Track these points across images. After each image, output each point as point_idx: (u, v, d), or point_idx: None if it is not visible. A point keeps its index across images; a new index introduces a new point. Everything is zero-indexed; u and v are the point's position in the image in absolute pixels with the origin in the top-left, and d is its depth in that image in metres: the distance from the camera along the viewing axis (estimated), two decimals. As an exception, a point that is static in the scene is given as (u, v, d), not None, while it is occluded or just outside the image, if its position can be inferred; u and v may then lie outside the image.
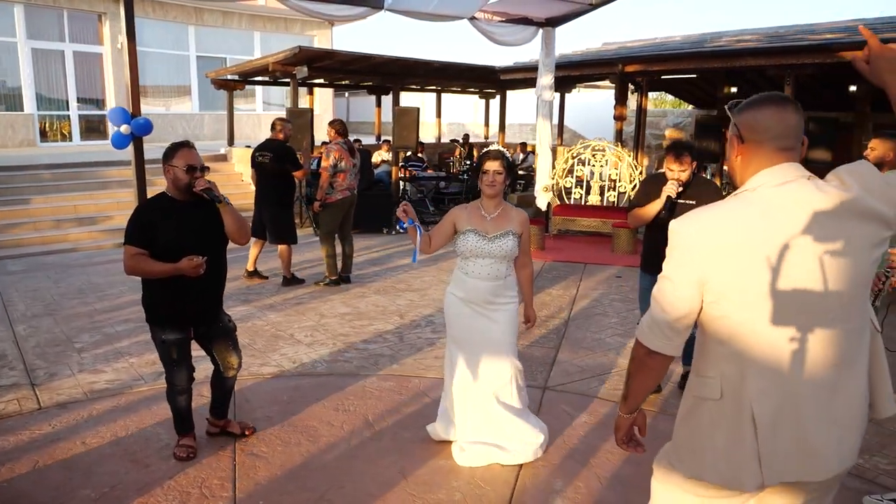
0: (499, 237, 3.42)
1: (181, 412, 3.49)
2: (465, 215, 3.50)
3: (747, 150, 1.71)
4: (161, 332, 3.34)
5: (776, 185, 1.63)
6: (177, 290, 3.24)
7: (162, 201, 3.33)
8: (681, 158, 3.97)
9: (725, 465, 1.68)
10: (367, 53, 10.62)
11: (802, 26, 11.37)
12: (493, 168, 3.45)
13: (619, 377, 4.71)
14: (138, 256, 3.19)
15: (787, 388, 1.62)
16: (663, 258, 4.61)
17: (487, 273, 3.44)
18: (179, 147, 3.30)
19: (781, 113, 1.66)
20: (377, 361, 4.94)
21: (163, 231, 3.21)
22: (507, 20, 9.22)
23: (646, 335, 1.75)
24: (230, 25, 19.03)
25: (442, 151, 16.26)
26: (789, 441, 1.63)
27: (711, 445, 1.71)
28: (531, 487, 3.28)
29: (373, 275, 7.73)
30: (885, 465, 3.53)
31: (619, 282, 7.59)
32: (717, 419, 1.70)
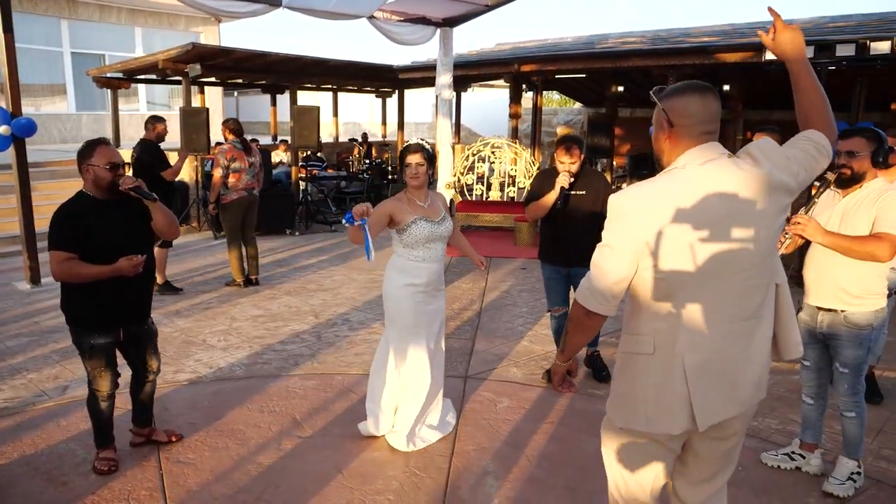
0: (442, 220, 3.63)
1: (103, 422, 3.33)
2: (404, 207, 3.56)
3: (675, 133, 1.89)
4: (89, 336, 3.18)
5: (702, 163, 1.84)
6: (108, 291, 3.11)
7: (84, 201, 3.16)
8: (570, 151, 4.18)
9: (655, 411, 1.90)
10: (263, 51, 10.38)
11: (680, 29, 12.21)
12: (414, 161, 3.59)
13: (535, 363, 4.92)
14: (69, 261, 3.03)
15: (713, 339, 1.85)
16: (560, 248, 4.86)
17: (439, 255, 3.65)
18: (96, 144, 3.16)
19: (705, 100, 1.87)
20: (297, 361, 4.90)
21: (91, 232, 3.06)
22: (405, 20, 9.32)
23: (586, 298, 1.90)
24: (108, 20, 17.94)
25: (340, 151, 16.13)
26: (717, 385, 1.87)
27: (643, 396, 1.91)
28: (464, 471, 3.40)
29: (281, 276, 7.60)
30: (776, 426, 3.93)
31: (525, 273, 7.88)
32: (649, 372, 1.90)
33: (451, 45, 9.72)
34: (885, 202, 2.96)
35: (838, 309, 3.11)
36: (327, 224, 11.11)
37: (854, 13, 11.08)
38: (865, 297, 3.06)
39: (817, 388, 3.38)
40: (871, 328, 3.09)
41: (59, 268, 3.04)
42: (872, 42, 6.54)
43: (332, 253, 9.03)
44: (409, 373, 3.61)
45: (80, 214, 3.10)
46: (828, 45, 6.87)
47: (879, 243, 2.90)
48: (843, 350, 3.15)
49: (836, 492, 3.18)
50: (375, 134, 19.34)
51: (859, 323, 3.07)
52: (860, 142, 3.03)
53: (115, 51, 17.82)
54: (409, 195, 3.63)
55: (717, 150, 1.87)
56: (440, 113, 10.27)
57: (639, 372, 1.93)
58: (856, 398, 3.17)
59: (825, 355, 3.31)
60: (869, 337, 3.10)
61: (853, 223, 3.02)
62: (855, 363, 3.13)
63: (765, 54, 7.42)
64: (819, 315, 3.19)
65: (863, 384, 3.19)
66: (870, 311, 3.07)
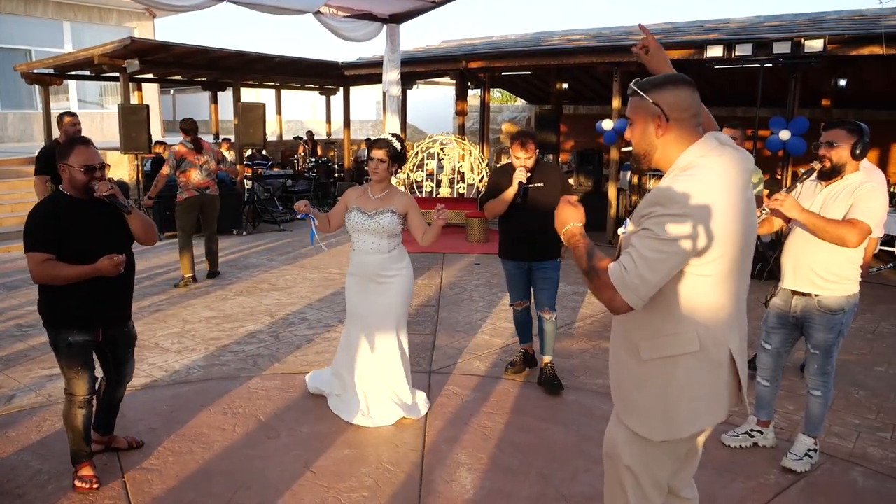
0: (378, 214, 3.75)
1: (79, 434, 3.12)
2: (355, 196, 3.87)
3: (673, 128, 1.84)
4: (67, 333, 3.03)
5: (719, 154, 1.81)
6: (88, 291, 2.98)
7: (61, 201, 3.02)
8: (526, 146, 4.15)
9: (707, 406, 1.87)
10: (205, 47, 10.10)
11: (623, 27, 12.49)
12: (377, 156, 3.79)
13: (496, 355, 4.96)
14: (48, 262, 2.90)
15: (740, 324, 1.91)
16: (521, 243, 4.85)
17: (370, 247, 3.80)
18: (75, 144, 3.02)
19: (694, 93, 1.86)
20: (257, 362, 4.80)
21: (69, 233, 2.93)
22: (351, 15, 9.23)
23: (628, 290, 1.74)
24: (34, 14, 17.09)
25: (285, 149, 15.88)
26: (742, 365, 1.92)
27: (690, 395, 1.84)
28: (437, 464, 3.40)
29: (232, 276, 7.43)
30: (734, 408, 4.06)
31: (479, 269, 7.93)
32: (697, 369, 1.83)
33: (398, 41, 9.67)
34: (861, 192, 3.09)
35: (812, 293, 3.24)
36: (275, 223, 10.91)
37: (785, 13, 11.57)
38: (838, 283, 3.19)
39: (773, 371, 3.53)
40: (843, 312, 3.22)
41: (38, 269, 2.91)
42: (806, 40, 6.85)
43: (282, 252, 8.88)
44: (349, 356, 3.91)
45: (57, 215, 2.96)
46: (765, 44, 7.16)
47: (850, 228, 3.04)
48: (815, 333, 3.28)
49: (795, 467, 3.32)
50: (320, 132, 19.08)
51: (832, 307, 3.22)
52: (840, 133, 3.14)
53: (43, 46, 17.02)
54: (368, 185, 3.92)
55: (718, 140, 1.86)
56: (388, 110, 10.22)
57: (680, 373, 1.84)
58: (824, 378, 3.31)
59: (788, 342, 3.46)
60: (840, 321, 3.23)
61: (830, 212, 3.15)
62: (825, 346, 3.27)
63: (706, 52, 7.66)
64: (794, 299, 3.33)
65: (832, 366, 3.32)
66: (842, 295, 3.20)
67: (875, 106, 11.91)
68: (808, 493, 3.17)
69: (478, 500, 3.09)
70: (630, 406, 1.94)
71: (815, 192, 3.29)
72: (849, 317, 3.28)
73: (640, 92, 1.87)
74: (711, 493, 3.14)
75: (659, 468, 1.96)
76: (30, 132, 16.86)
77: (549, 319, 4.34)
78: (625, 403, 1.96)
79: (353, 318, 3.90)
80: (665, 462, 1.96)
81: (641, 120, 1.88)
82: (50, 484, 3.16)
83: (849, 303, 3.23)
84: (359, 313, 3.86)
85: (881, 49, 7.03)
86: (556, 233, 1.97)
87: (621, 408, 1.98)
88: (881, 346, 5.28)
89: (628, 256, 1.76)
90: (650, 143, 1.88)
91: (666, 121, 1.83)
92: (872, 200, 3.06)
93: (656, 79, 1.90)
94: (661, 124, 1.84)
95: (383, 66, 9.78)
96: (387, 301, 3.82)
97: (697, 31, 10.10)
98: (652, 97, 1.84)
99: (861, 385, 4.48)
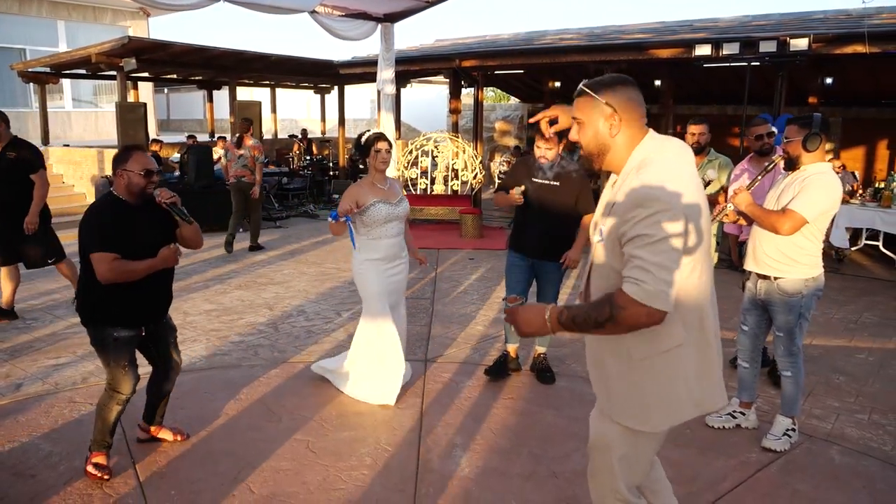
0: (400, 201, 4.05)
1: (110, 424, 3.20)
2: (365, 191, 3.96)
3: (626, 126, 1.89)
4: (112, 329, 3.09)
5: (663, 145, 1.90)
6: (135, 285, 3.07)
7: (115, 204, 3.11)
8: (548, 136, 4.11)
9: (702, 394, 1.94)
10: (201, 46, 10.20)
11: (614, 27, 12.66)
12: (384, 147, 3.98)
13: (490, 345, 5.11)
14: (117, 261, 2.98)
15: (713, 313, 1.99)
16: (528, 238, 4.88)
17: (395, 232, 4.05)
18: (132, 150, 3.14)
19: (639, 92, 1.93)
20: (257, 352, 4.93)
21: (127, 233, 3.04)
22: (346, 15, 9.36)
23: (656, 298, 1.72)
24: (28, 13, 17.10)
25: (280, 147, 15.98)
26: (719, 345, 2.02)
27: (686, 386, 1.91)
28: (434, 446, 3.54)
29: (230, 271, 7.55)
30: (717, 392, 4.23)
31: (473, 263, 8.08)
32: (687, 360, 1.90)
33: (393, 40, 9.80)
34: (806, 182, 3.32)
35: (771, 276, 3.46)
36: (271, 220, 11.02)
37: (773, 13, 11.76)
38: (791, 266, 3.40)
39: (752, 351, 3.72)
40: (801, 295, 3.42)
41: (107, 267, 2.97)
42: (792, 39, 7.02)
43: (279, 248, 9.01)
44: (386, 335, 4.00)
45: (114, 216, 3.07)
46: (752, 43, 7.33)
47: (782, 218, 3.28)
48: (776, 315, 3.50)
49: (774, 446, 3.49)
50: (314, 131, 19.19)
51: (788, 290, 3.42)
52: (792, 129, 3.43)
53: (37, 45, 17.04)
54: (371, 179, 4.02)
55: (658, 134, 1.94)
56: (383, 108, 10.34)
57: (674, 366, 1.90)
58: (791, 359, 3.50)
59: (762, 322, 3.65)
60: (798, 303, 3.43)
61: (784, 198, 3.40)
62: (787, 327, 3.46)
63: (694, 50, 7.84)
64: (758, 282, 3.54)
65: (798, 346, 3.50)
66: (799, 278, 3.41)
67: (862, 104, 12.13)
68: (788, 470, 3.33)
69: (473, 477, 3.23)
70: (626, 406, 1.97)
71: (783, 180, 3.55)
72: (809, 300, 3.45)
73: (591, 92, 1.89)
74: (694, 471, 3.29)
75: (650, 453, 2.07)
76: (22, 131, 16.86)
77: None
78: (620, 405, 1.99)
79: (381, 298, 4.00)
80: (655, 446, 2.07)
81: (594, 119, 1.91)
82: (61, 465, 3.29)
83: (807, 286, 3.41)
84: (385, 291, 4.03)
85: (864, 48, 7.22)
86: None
87: (615, 409, 2.01)
88: (863, 335, 5.46)
89: (639, 270, 1.73)
90: (603, 142, 1.92)
91: (619, 120, 1.88)
92: (812, 192, 3.27)
93: (605, 79, 1.93)
94: (614, 124, 1.88)
95: (378, 64, 9.90)
96: (402, 278, 4.16)
97: (686, 30, 10.29)
98: (604, 97, 1.88)
99: (841, 371, 4.65)
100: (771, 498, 3.08)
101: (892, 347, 5.17)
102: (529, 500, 3.04)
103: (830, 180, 3.31)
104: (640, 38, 9.18)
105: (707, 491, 3.12)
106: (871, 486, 3.18)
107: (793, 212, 3.26)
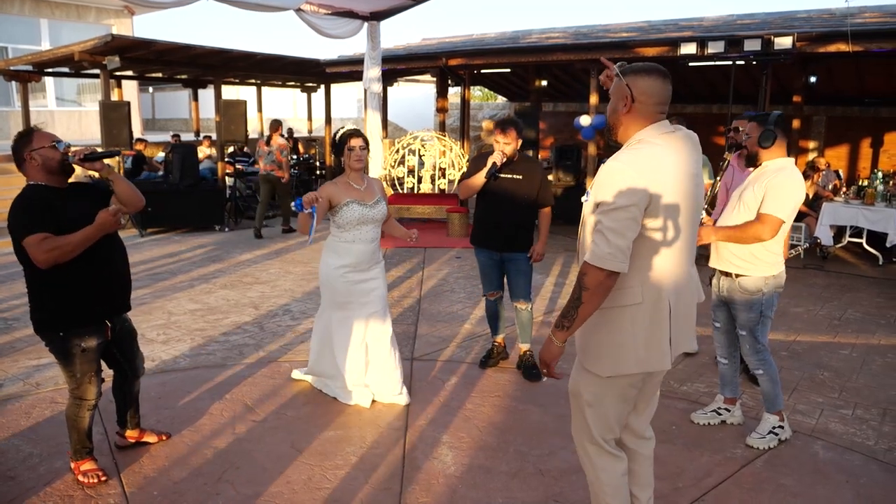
0: (375, 203, 3.82)
1: (84, 432, 3.11)
2: (340, 190, 3.77)
3: (636, 109, 2.11)
4: (79, 339, 2.95)
5: (662, 134, 2.09)
6: (89, 280, 2.92)
7: (40, 190, 2.89)
8: (506, 132, 4.19)
9: (646, 353, 2.12)
10: (186, 44, 10.10)
11: (600, 26, 12.70)
12: (358, 144, 3.80)
13: (477, 343, 5.10)
14: (48, 240, 2.74)
15: (680, 282, 2.14)
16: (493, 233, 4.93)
17: (370, 237, 3.84)
18: (31, 131, 2.97)
19: (665, 83, 2.11)
20: (242, 351, 4.89)
21: (58, 211, 2.84)
22: (332, 13, 9.31)
23: (607, 261, 1.98)
24: (10, 11, 16.92)
25: (266, 147, 15.87)
26: (685, 323, 2.18)
27: (633, 342, 2.11)
28: (420, 443, 3.52)
29: (215, 271, 7.50)
30: (703, 389, 4.26)
31: (460, 262, 8.07)
32: (638, 319, 2.10)
33: (379, 38, 9.77)
34: (771, 183, 3.31)
35: (733, 273, 3.47)
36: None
37: (758, 12, 11.84)
38: (752, 263, 3.40)
39: (728, 347, 3.73)
40: (762, 293, 3.42)
41: (41, 248, 2.73)
42: (776, 38, 7.06)
43: (265, 247, 8.95)
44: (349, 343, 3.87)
45: (37, 199, 2.87)
46: (737, 41, 7.37)
47: (761, 226, 3.28)
48: (738, 313, 3.51)
49: (756, 445, 3.49)
50: (301, 130, 19.09)
51: (749, 288, 3.43)
52: (752, 126, 3.48)
53: (20, 43, 16.89)
54: (347, 178, 3.85)
55: (669, 125, 2.14)
56: (369, 107, 10.30)
57: (626, 321, 2.10)
58: (758, 356, 3.50)
59: (732, 318, 3.65)
60: (760, 301, 3.43)
61: (746, 194, 3.42)
62: (749, 325, 3.47)
63: (679, 49, 7.86)
64: (721, 279, 3.57)
65: (763, 344, 3.50)
66: (759, 276, 3.41)
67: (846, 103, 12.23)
68: (772, 465, 3.34)
69: (459, 475, 3.22)
70: (586, 348, 2.22)
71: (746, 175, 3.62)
72: (770, 298, 3.46)
73: (619, 74, 2.14)
74: (680, 467, 3.30)
75: (612, 403, 2.25)
76: (7, 130, 16.68)
77: (524, 309, 4.46)
78: (582, 346, 2.24)
79: (348, 308, 3.86)
80: (616, 398, 2.24)
81: (615, 97, 2.15)
82: (41, 466, 3.24)
83: (767, 284, 3.42)
84: (357, 301, 3.85)
85: (847, 46, 7.27)
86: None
87: (580, 351, 2.26)
88: (846, 331, 5.50)
89: (598, 234, 2.02)
90: (616, 118, 2.17)
91: (631, 101, 2.10)
92: (780, 192, 3.27)
93: (636, 65, 2.14)
94: (626, 104, 2.11)
95: (364, 63, 9.87)
96: (379, 284, 3.94)
97: (672, 28, 10.33)
98: (627, 79, 2.11)
99: (825, 367, 4.68)
100: (755, 493, 3.09)
101: (875, 343, 5.22)
102: (515, 497, 3.04)
103: (793, 175, 3.33)
104: (625, 37, 9.21)
105: (692, 486, 3.13)
106: (854, 481, 3.20)
107: (767, 216, 3.26)
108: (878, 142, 12.35)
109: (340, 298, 3.85)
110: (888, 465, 3.35)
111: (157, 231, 9.88)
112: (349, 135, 3.81)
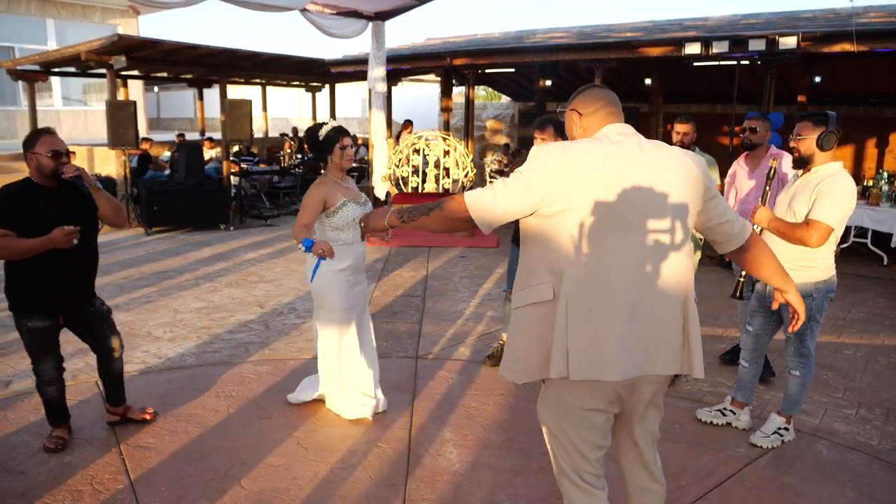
0: (365, 202, 3.72)
1: (52, 403, 3.42)
2: (333, 190, 3.57)
3: (586, 119, 2.19)
4: (27, 319, 3.25)
5: (617, 134, 2.10)
6: (47, 273, 3.16)
7: (27, 186, 3.21)
8: (543, 129, 4.07)
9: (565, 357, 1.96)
10: (191, 43, 10.14)
11: (604, 25, 12.70)
12: (349, 142, 3.67)
13: (482, 342, 5.12)
14: (4, 238, 3.04)
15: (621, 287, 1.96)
16: None
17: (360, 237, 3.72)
18: (41, 134, 3.23)
19: (602, 90, 2.23)
20: (247, 349, 4.92)
21: (31, 214, 3.10)
22: (337, 13, 9.35)
23: (478, 204, 2.00)
24: (16, 11, 16.99)
25: (270, 146, 15.93)
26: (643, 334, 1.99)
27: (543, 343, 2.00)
28: (424, 440, 3.55)
29: (221, 270, 7.53)
30: (707, 388, 4.27)
31: (464, 261, 8.09)
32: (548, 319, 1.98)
33: (384, 38, 9.81)
34: (822, 188, 3.20)
35: None
36: (262, 219, 11.00)
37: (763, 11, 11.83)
38: (802, 269, 3.29)
39: (753, 352, 3.69)
40: (812, 298, 3.32)
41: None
42: (781, 37, 7.06)
43: (269, 246, 8.99)
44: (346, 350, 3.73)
45: (21, 196, 3.15)
46: (741, 41, 7.37)
47: (808, 231, 3.18)
48: (786, 316, 3.42)
49: (760, 443, 3.50)
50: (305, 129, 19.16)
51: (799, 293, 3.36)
52: (806, 125, 3.30)
53: (26, 43, 16.94)
54: (334, 178, 3.65)
55: (629, 128, 2.13)
56: (374, 106, 10.36)
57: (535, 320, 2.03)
58: (801, 360, 3.45)
59: (768, 325, 3.62)
60: (810, 305, 3.31)
61: (797, 203, 3.30)
62: (798, 329, 3.41)
63: (684, 49, 7.87)
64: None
65: (808, 349, 3.44)
66: (809, 281, 3.31)
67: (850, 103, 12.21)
68: (775, 464, 3.35)
69: (463, 472, 3.24)
70: (506, 354, 2.16)
71: (794, 181, 3.46)
72: (820, 302, 3.36)
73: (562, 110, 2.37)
74: (682, 465, 3.32)
75: (573, 431, 2.09)
76: (11, 129, 16.76)
77: None
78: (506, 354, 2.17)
79: (349, 314, 3.70)
80: (576, 426, 2.09)
81: (568, 125, 2.29)
82: (51, 461, 3.28)
83: (817, 288, 3.33)
84: (352, 304, 3.71)
85: (852, 46, 7.27)
86: None
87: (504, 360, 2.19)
88: (851, 331, 5.51)
89: (490, 186, 2.07)
90: (572, 135, 2.27)
91: (579, 115, 2.22)
92: (832, 198, 3.17)
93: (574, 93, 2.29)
94: (577, 120, 2.23)
95: (369, 63, 9.91)
96: (364, 289, 3.86)
97: (676, 28, 10.32)
98: (570, 105, 2.26)
99: (830, 367, 4.69)
100: (758, 491, 3.11)
101: (879, 343, 5.22)
102: (519, 494, 3.06)
103: (846, 181, 3.21)
104: (630, 37, 9.21)
105: (695, 484, 3.14)
106: (857, 480, 3.21)
107: (817, 222, 3.15)
108: (884, 142, 12.32)
109: (341, 305, 3.64)
110: (891, 464, 3.37)
111: (162, 230, 9.92)
112: (340, 133, 3.63)
